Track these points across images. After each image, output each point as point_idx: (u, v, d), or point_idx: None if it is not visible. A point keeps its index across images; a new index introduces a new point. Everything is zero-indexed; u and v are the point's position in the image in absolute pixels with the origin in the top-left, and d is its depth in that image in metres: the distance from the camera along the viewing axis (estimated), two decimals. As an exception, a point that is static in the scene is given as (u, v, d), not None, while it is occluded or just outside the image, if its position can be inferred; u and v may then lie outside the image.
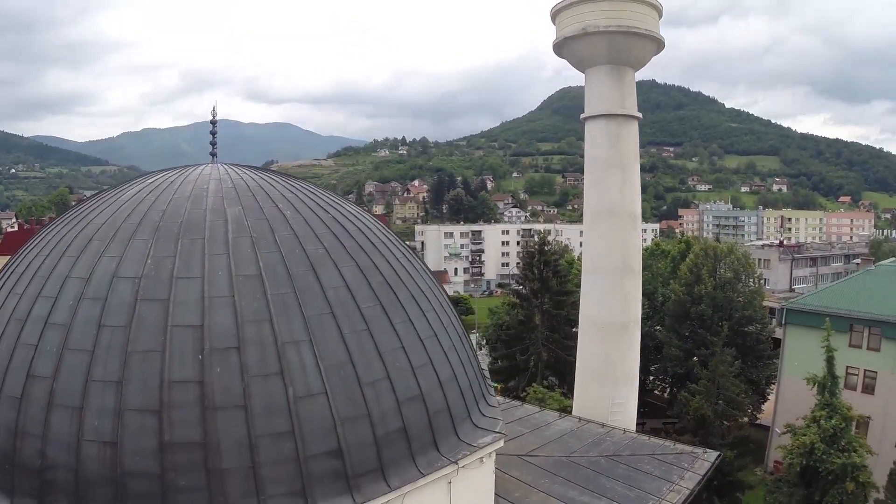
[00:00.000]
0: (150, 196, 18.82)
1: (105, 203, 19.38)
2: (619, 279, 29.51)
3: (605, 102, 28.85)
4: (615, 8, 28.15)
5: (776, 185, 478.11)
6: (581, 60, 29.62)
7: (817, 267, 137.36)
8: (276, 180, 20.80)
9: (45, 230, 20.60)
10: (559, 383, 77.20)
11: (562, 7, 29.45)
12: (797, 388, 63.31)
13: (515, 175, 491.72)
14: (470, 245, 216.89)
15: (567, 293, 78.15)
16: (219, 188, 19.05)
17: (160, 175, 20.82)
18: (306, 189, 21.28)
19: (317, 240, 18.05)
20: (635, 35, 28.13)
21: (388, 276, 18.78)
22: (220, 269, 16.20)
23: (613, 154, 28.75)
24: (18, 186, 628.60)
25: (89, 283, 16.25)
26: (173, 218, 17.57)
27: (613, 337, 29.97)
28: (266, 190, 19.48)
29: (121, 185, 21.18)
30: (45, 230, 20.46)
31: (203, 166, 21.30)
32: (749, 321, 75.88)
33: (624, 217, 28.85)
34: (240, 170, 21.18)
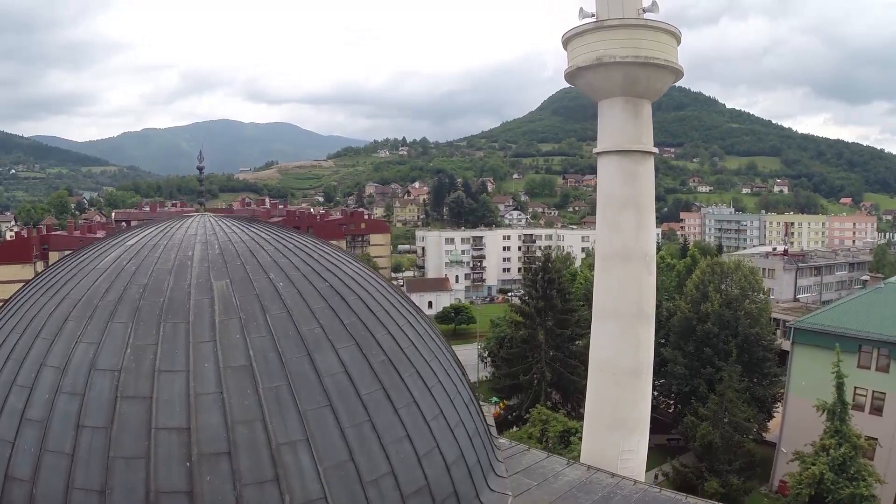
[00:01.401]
0: (131, 265, 17.35)
1: (82, 269, 17.90)
2: (632, 325, 27.88)
3: (619, 138, 26.98)
4: (632, 37, 26.01)
5: (777, 186, 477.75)
6: (594, 91, 27.62)
7: (822, 276, 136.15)
8: (266, 239, 19.24)
9: (21, 294, 19.18)
10: (563, 401, 76.20)
11: (574, 34, 27.41)
12: (804, 408, 62.35)
13: (516, 176, 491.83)
14: (471, 251, 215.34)
15: (571, 311, 77.11)
16: (204, 255, 17.61)
17: (143, 233, 19.33)
18: (300, 246, 19.71)
19: (312, 317, 16.64)
20: (654, 66, 26.10)
21: (390, 353, 17.39)
22: (207, 361, 14.83)
23: (628, 193, 26.97)
24: (18, 187, 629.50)
25: (66, 374, 14.89)
26: (154, 296, 16.14)
27: (624, 383, 28.42)
28: (256, 255, 18.02)
29: (101, 243, 19.69)
30: (22, 294, 19.04)
31: (189, 221, 19.84)
32: (756, 340, 74.54)
33: (638, 260, 27.21)
34: (228, 225, 19.67)
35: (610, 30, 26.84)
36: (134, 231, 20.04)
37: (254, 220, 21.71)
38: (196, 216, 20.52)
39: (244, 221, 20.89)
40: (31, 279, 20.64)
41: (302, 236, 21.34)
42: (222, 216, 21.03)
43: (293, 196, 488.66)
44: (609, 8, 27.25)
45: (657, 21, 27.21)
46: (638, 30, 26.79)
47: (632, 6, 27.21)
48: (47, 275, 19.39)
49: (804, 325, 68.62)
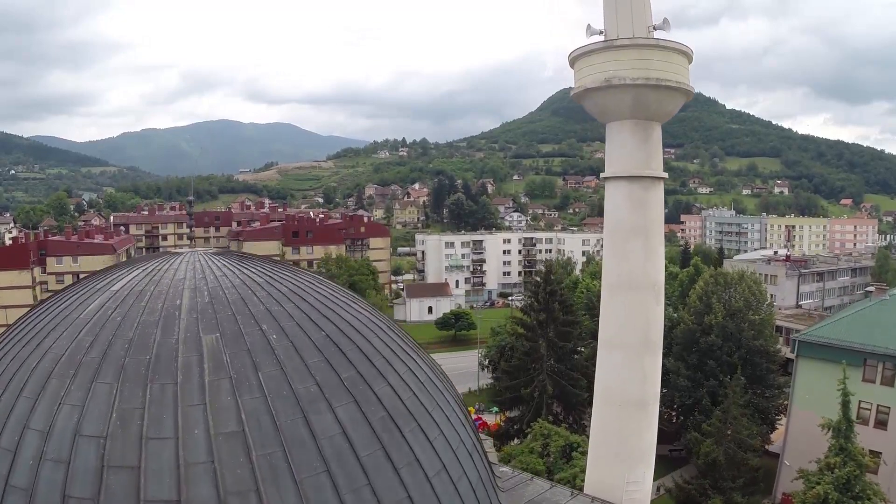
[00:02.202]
0: (116, 315, 16.47)
1: (66, 318, 16.98)
2: (639, 355, 27.02)
3: (628, 162, 25.93)
4: (643, 57, 24.92)
5: (777, 187, 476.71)
6: (602, 113, 26.53)
7: (824, 282, 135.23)
8: (259, 283, 18.23)
9: (4, 341, 18.37)
10: (564, 414, 75.50)
11: (581, 54, 26.30)
12: (808, 420, 61.75)
13: (516, 177, 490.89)
14: (471, 254, 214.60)
15: (573, 323, 76.40)
16: (193, 304, 16.73)
17: (129, 276, 18.43)
18: (294, 290, 18.75)
19: (308, 374, 15.79)
20: (665, 88, 25.00)
21: (390, 408, 16.54)
22: (197, 426, 14.02)
23: (636, 220, 25.97)
24: (18, 187, 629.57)
25: (50, 439, 14.12)
26: (140, 353, 15.28)
27: (630, 415, 27.53)
28: (247, 302, 17.10)
29: (86, 285, 18.79)
30: (5, 341, 18.23)
31: (179, 261, 18.97)
32: (759, 351, 73.74)
33: (646, 290, 26.29)
34: (218, 267, 18.76)
35: (619, 49, 25.65)
36: (120, 272, 19.18)
37: (247, 257, 20.92)
38: (186, 254, 19.72)
39: (236, 259, 20.07)
40: (13, 324, 19.84)
41: (297, 273, 20.50)
42: (213, 254, 20.23)
43: (293, 197, 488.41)
44: (618, 25, 26.10)
45: (669, 41, 26.08)
46: (649, 50, 25.59)
47: (642, 24, 26.08)
48: (31, 320, 18.58)
49: (809, 337, 67.74)
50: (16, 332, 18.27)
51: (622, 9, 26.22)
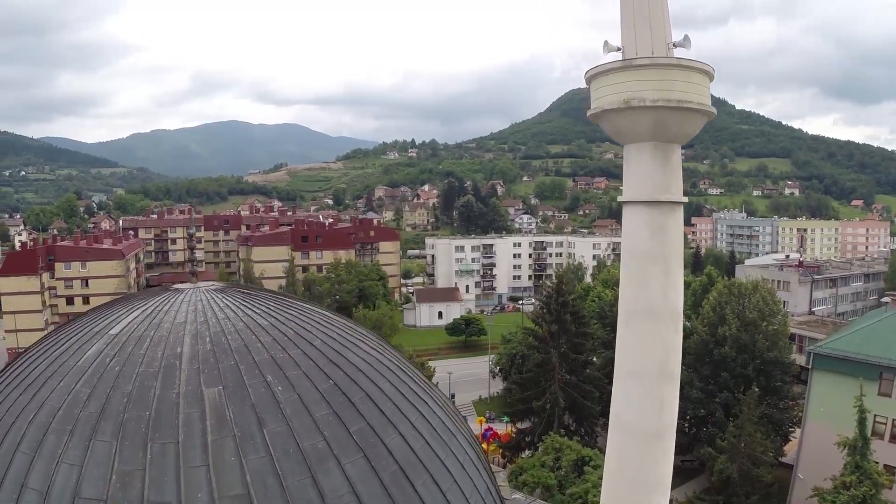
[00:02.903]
0: (114, 363, 15.81)
1: (63, 365, 16.33)
2: (656, 385, 26.16)
3: (647, 187, 24.80)
4: (664, 77, 23.55)
5: (788, 188, 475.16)
6: (620, 135, 25.39)
7: (837, 288, 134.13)
8: (263, 326, 17.55)
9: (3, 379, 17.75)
10: (576, 426, 74.81)
11: (598, 73, 25.18)
12: (822, 433, 60.97)
13: (526, 178, 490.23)
14: (481, 259, 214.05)
15: (585, 335, 75.71)
16: (194, 352, 16.04)
17: (128, 316, 17.75)
18: (300, 332, 18.02)
19: (315, 429, 15.08)
20: (687, 110, 24.02)
21: (402, 460, 15.85)
22: (200, 489, 13.38)
23: (655, 247, 24.96)
24: (28, 189, 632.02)
25: (48, 501, 13.51)
26: (140, 408, 14.61)
27: (646, 445, 26.67)
28: (251, 350, 16.38)
29: (84, 325, 18.13)
30: (4, 380, 17.61)
31: (180, 300, 18.30)
32: (774, 363, 72.84)
33: (665, 318, 25.36)
34: (221, 308, 18.05)
35: (639, 69, 24.52)
36: (120, 311, 18.51)
37: (251, 294, 20.21)
38: (188, 291, 19.07)
39: (240, 296, 19.38)
40: (12, 364, 19.24)
41: (303, 312, 19.81)
42: (216, 290, 19.56)
43: (302, 198, 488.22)
44: (637, 42, 24.95)
45: (690, 60, 25.02)
46: (669, 69, 24.47)
47: (661, 40, 25.00)
48: (29, 363, 17.97)
49: (824, 350, 66.79)
50: (14, 374, 17.70)
51: (640, 25, 25.11)
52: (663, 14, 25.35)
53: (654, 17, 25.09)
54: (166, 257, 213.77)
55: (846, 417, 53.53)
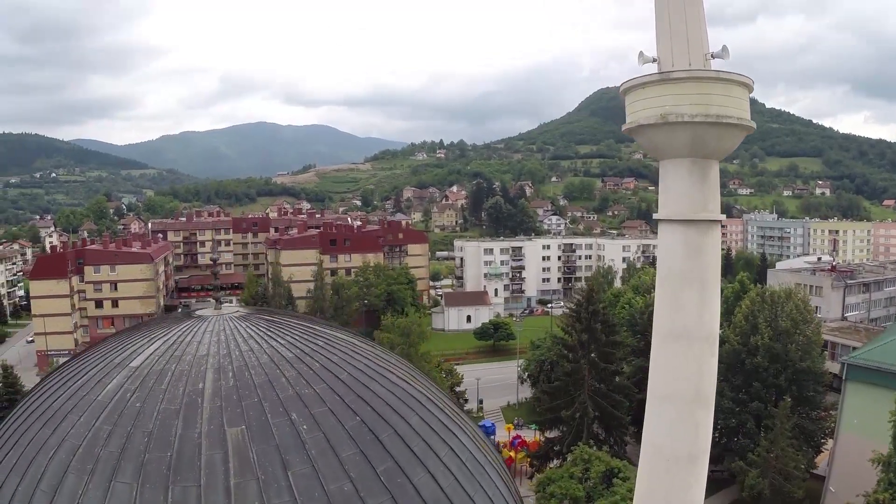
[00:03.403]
0: (135, 399, 15.34)
1: (84, 399, 15.94)
2: (690, 409, 25.31)
3: (684, 205, 23.75)
4: (702, 91, 22.30)
5: (819, 188, 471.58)
6: (656, 150, 24.34)
7: (870, 293, 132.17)
8: (288, 359, 17.04)
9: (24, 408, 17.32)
10: (606, 435, 74.01)
11: (635, 85, 24.12)
12: (855, 445, 59.82)
13: (554, 179, 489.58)
14: (510, 261, 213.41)
15: (616, 344, 74.92)
16: (217, 388, 15.54)
17: (150, 347, 17.25)
18: (326, 364, 17.46)
19: (341, 470, 14.55)
20: (726, 125, 23.01)
21: (430, 499, 15.31)
22: (223, 533, 12.89)
23: (692, 267, 23.95)
24: (59, 190, 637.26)
25: (70, 542, 13.10)
26: (161, 448, 14.13)
27: (679, 469, 25.83)
28: (275, 385, 15.86)
29: (104, 356, 17.62)
30: (24, 410, 17.17)
31: (202, 330, 17.80)
32: (807, 373, 71.63)
33: (701, 341, 24.45)
34: (244, 338, 17.53)
35: (676, 83, 23.49)
36: (141, 341, 18.07)
37: (276, 321, 19.65)
38: (210, 319, 18.56)
39: (264, 324, 18.88)
40: (32, 392, 18.81)
41: (330, 337, 19.28)
42: (240, 318, 19.06)
43: (331, 200, 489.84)
44: (673, 53, 23.91)
45: (729, 72, 24.00)
46: (708, 83, 23.43)
47: (698, 51, 23.97)
48: (50, 392, 17.55)
49: (858, 361, 65.46)
50: (36, 404, 17.34)
51: (677, 35, 24.12)
52: (700, 24, 24.39)
53: (691, 27, 24.14)
54: (195, 259, 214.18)
55: (881, 430, 52.43)
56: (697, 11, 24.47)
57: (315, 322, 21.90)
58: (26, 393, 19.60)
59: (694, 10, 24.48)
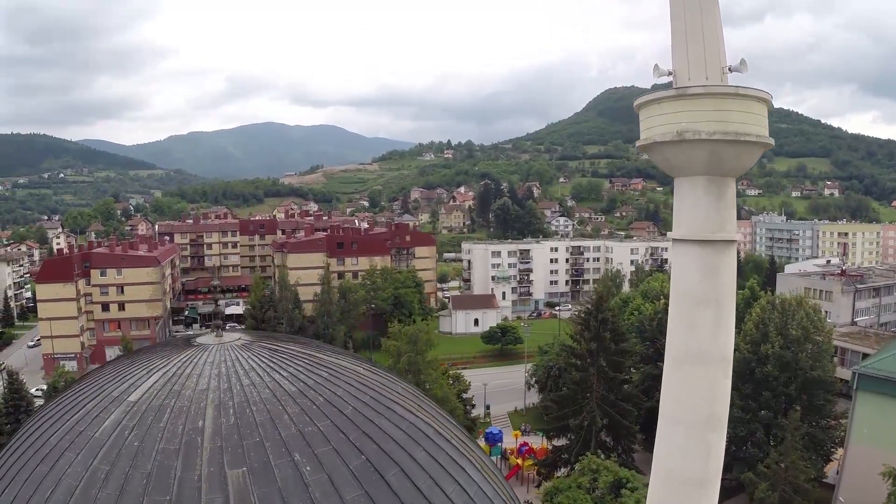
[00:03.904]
0: (133, 438, 14.89)
1: (81, 435, 15.52)
2: (703, 432, 24.66)
3: (699, 225, 22.89)
4: (720, 107, 21.64)
5: (827, 189, 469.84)
6: (672, 168, 23.40)
7: (880, 297, 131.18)
8: (290, 393, 16.54)
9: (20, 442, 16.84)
10: (614, 444, 73.44)
11: (649, 101, 23.25)
12: (865, 456, 59.30)
13: (562, 180, 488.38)
14: (518, 264, 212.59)
15: (625, 353, 74.35)
16: (217, 426, 15.06)
17: (148, 379, 16.78)
18: (331, 398, 16.96)
19: (345, 513, 14.08)
20: (744, 143, 22.15)
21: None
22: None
23: (707, 289, 23.16)
24: (67, 191, 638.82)
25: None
26: (160, 491, 13.70)
27: (690, 492, 25.15)
28: (277, 423, 15.40)
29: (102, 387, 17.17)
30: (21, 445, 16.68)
31: (203, 362, 17.32)
32: (817, 382, 70.90)
33: (714, 364, 23.74)
34: (246, 371, 17.05)
35: (693, 99, 22.53)
36: (140, 372, 17.57)
37: (279, 349, 19.11)
38: (211, 349, 18.04)
39: (266, 354, 18.37)
40: (29, 422, 18.32)
41: (334, 367, 18.77)
42: (241, 347, 18.55)
43: (338, 200, 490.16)
44: (689, 66, 22.99)
45: (748, 88, 23.07)
46: (726, 99, 22.49)
47: (715, 65, 23.06)
48: (45, 424, 17.06)
49: (869, 370, 64.70)
50: (32, 438, 16.89)
51: (694, 47, 23.18)
52: (717, 36, 23.51)
53: (708, 39, 23.31)
54: (202, 262, 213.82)
55: (892, 441, 52.20)
56: (714, 23, 23.54)
57: (319, 348, 21.39)
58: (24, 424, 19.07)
59: (711, 21, 23.55)
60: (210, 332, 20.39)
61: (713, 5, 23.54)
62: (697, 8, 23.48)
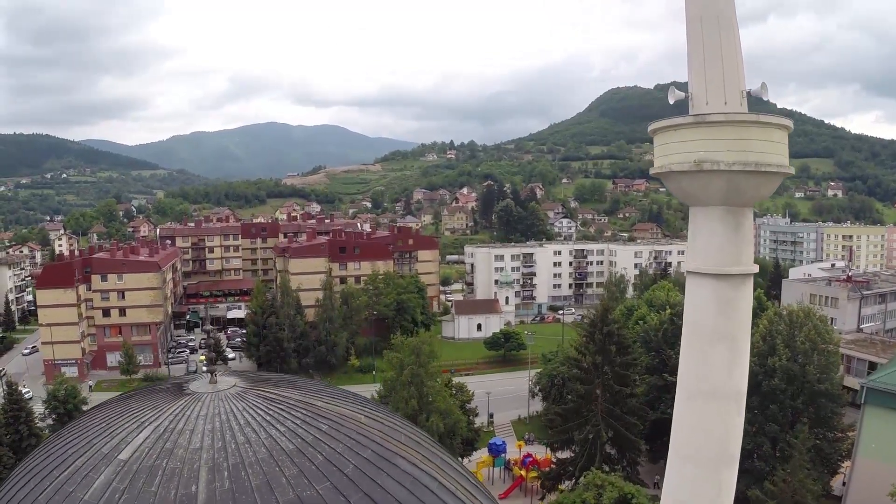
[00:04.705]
0: (124, 501, 14.10)
1: (70, 496, 14.72)
2: (715, 469, 23.89)
3: (715, 257, 21.99)
4: (741, 136, 21.15)
5: (831, 189, 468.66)
6: (687, 196, 22.48)
7: (886, 303, 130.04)
8: (288, 452, 15.64)
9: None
10: (618, 457, 72.64)
11: (666, 127, 22.28)
12: (873, 470, 58.71)
13: (565, 181, 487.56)
14: (521, 268, 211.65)
15: (630, 366, 73.48)
16: (211, 490, 14.24)
17: (139, 434, 15.91)
18: (331, 454, 16.07)
19: None
20: (764, 173, 21.11)
21: None
22: None
23: (722, 323, 22.30)
24: (69, 191, 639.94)
25: None
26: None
27: (701, 529, 24.25)
28: (275, 487, 14.55)
29: (91, 442, 16.31)
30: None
31: (196, 415, 16.44)
32: (824, 395, 69.87)
33: (728, 399, 23.00)
34: (241, 426, 16.17)
35: (712, 127, 21.59)
36: (129, 426, 16.74)
37: (276, 399, 18.20)
38: (205, 398, 17.19)
39: (263, 405, 17.48)
40: (14, 476, 17.49)
41: (335, 419, 17.87)
42: (236, 396, 17.69)
43: (341, 201, 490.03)
44: (707, 90, 21.91)
45: (769, 115, 21.98)
46: (747, 127, 21.51)
47: (734, 88, 21.86)
48: (31, 482, 16.20)
49: (878, 385, 63.68)
50: (18, 495, 16.01)
51: (712, 70, 22.02)
52: (736, 58, 22.32)
53: (727, 61, 22.22)
54: (203, 266, 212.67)
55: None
56: (733, 44, 22.32)
57: (318, 393, 20.42)
58: (8, 478, 18.19)
59: (730, 43, 22.33)
60: (203, 373, 19.57)
61: (732, 26, 22.34)
62: (716, 29, 22.27)
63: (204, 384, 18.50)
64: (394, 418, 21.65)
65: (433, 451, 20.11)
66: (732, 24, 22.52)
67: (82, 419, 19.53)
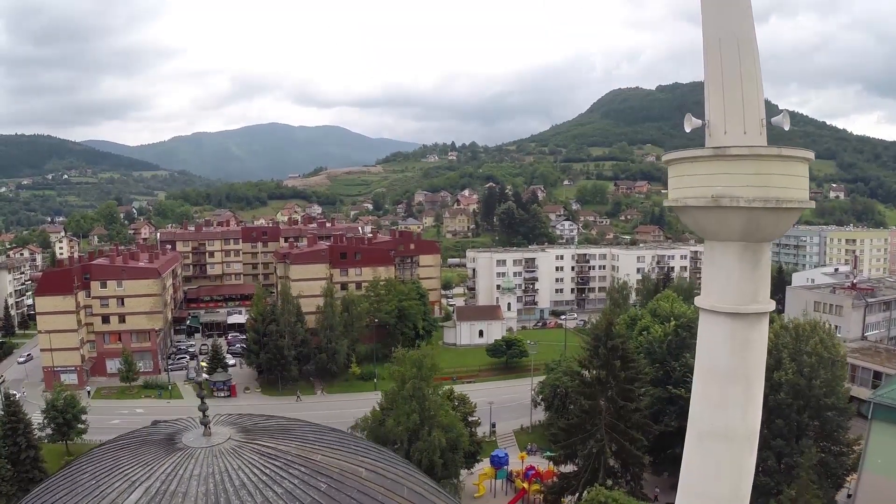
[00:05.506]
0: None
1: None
2: (726, 509, 22.78)
3: (731, 296, 20.87)
4: (761, 171, 19.88)
5: (833, 191, 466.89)
6: (704, 231, 21.39)
7: (891, 311, 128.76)
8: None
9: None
10: (622, 471, 71.90)
11: (682, 159, 21.40)
12: (879, 486, 57.95)
13: (567, 182, 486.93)
14: (523, 273, 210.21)
15: (635, 380, 72.68)
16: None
17: (128, 498, 15.11)
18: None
19: None
20: (786, 210, 20.06)
21: None
22: None
23: (737, 364, 21.29)
24: (71, 192, 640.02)
25: None
26: None
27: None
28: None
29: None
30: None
31: (188, 471, 15.72)
32: (830, 409, 69.03)
33: (741, 441, 22.07)
34: (238, 488, 15.38)
35: (732, 161, 20.36)
36: (120, 486, 16.03)
37: (273, 454, 17.37)
38: (199, 454, 16.39)
39: (258, 462, 16.66)
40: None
41: (334, 475, 17.10)
42: (232, 451, 16.88)
43: (342, 203, 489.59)
44: (725, 118, 20.64)
45: (791, 149, 20.76)
46: (768, 161, 20.19)
47: (754, 117, 20.60)
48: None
49: (885, 400, 62.59)
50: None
51: (731, 98, 20.78)
52: (757, 85, 21.10)
53: (747, 88, 20.95)
54: (204, 270, 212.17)
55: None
56: (753, 70, 21.03)
57: (316, 443, 19.55)
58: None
59: (750, 67, 21.10)
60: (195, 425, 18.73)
61: (752, 50, 21.07)
62: (736, 52, 21.00)
63: (198, 436, 17.70)
64: (396, 465, 20.77)
65: (434, 493, 19.39)
66: (753, 48, 21.29)
67: (70, 470, 18.68)
